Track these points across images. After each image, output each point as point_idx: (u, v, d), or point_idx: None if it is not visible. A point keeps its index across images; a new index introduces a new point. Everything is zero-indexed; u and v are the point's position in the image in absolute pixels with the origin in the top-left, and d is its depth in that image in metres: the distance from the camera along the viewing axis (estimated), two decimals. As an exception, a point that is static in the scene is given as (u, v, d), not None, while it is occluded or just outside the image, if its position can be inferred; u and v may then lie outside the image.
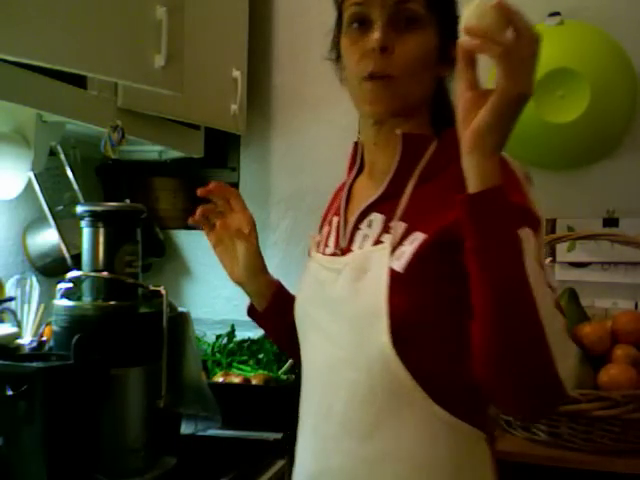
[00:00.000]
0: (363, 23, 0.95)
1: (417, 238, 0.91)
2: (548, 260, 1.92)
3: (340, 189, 1.15)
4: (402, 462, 0.91)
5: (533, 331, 0.77)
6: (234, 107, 1.94)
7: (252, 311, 1.19)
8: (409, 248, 0.91)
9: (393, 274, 0.91)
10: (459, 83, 0.79)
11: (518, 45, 0.73)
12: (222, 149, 2.25)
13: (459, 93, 0.79)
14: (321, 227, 1.14)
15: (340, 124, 2.00)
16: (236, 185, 2.24)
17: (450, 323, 0.90)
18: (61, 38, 1.13)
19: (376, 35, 0.92)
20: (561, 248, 1.89)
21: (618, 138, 1.86)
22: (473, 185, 0.78)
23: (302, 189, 2.16)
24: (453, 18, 0.98)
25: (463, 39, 0.76)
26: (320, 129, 2.12)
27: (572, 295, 1.69)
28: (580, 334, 1.58)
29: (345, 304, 0.95)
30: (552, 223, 1.91)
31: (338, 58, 1.05)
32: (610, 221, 1.87)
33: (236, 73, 1.95)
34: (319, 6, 2.23)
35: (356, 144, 1.09)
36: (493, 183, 0.77)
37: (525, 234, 0.80)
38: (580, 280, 1.87)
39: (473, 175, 0.78)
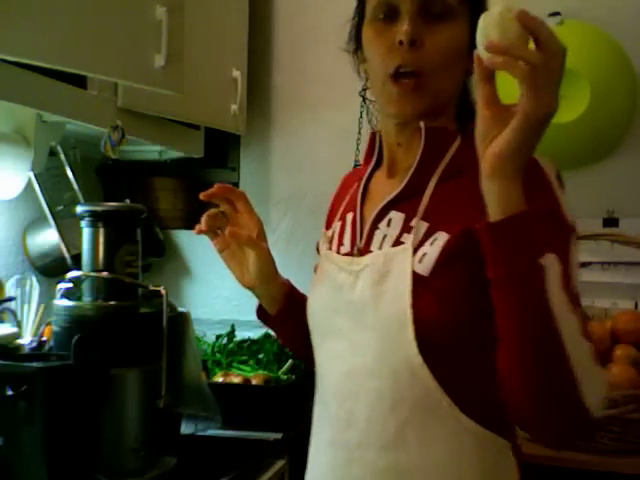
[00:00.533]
0: (389, 13, 0.88)
1: (440, 238, 0.86)
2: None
3: (347, 180, 1.11)
4: (427, 473, 0.87)
5: (556, 361, 0.74)
6: (234, 107, 1.94)
7: (262, 314, 1.12)
8: (432, 249, 0.86)
9: (417, 278, 0.86)
10: (477, 99, 0.73)
11: (544, 61, 0.67)
12: (222, 149, 2.25)
13: (478, 110, 0.73)
14: (329, 221, 1.08)
15: (340, 124, 2.00)
16: (236, 185, 2.24)
17: (479, 330, 0.84)
18: (61, 38, 1.12)
19: (405, 27, 0.85)
20: (561, 248, 1.89)
21: (618, 138, 1.86)
22: (494, 212, 0.74)
23: (302, 189, 2.16)
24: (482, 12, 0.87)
25: (484, 55, 0.70)
26: (320, 129, 2.12)
27: (572, 295, 1.69)
28: (580, 334, 1.59)
29: (366, 309, 0.90)
30: (552, 223, 1.92)
31: (357, 50, 0.98)
32: (610, 221, 1.87)
33: (236, 73, 1.95)
34: (318, 6, 2.23)
35: (374, 134, 1.01)
36: (517, 209, 0.73)
37: (549, 262, 0.74)
38: (580, 280, 1.87)
39: (494, 201, 0.73)
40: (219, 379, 1.68)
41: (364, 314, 0.90)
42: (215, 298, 2.22)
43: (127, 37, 1.28)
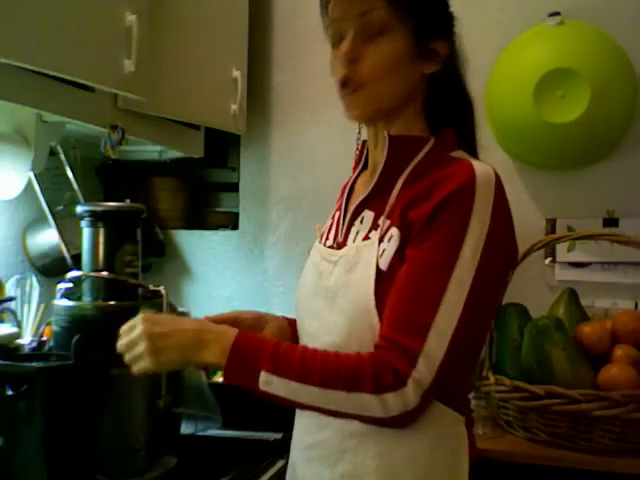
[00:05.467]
0: (339, 38, 1.02)
1: (394, 235, 0.98)
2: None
3: (345, 183, 1.22)
4: (386, 436, 0.97)
5: (324, 412, 0.93)
6: (234, 107, 1.94)
7: None
8: (390, 246, 0.98)
9: (377, 271, 0.97)
10: None
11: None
12: (222, 149, 2.25)
13: None
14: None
15: (340, 124, 1.99)
16: (236, 185, 2.24)
17: None
18: (39, 40, 1.15)
19: (344, 46, 1.00)
20: (561, 248, 1.89)
21: (618, 138, 1.86)
22: None
23: (302, 189, 2.16)
24: (430, 16, 1.03)
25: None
26: (320, 129, 2.12)
27: (572, 295, 1.69)
28: (580, 334, 1.58)
29: (339, 294, 1.01)
30: (552, 223, 1.92)
31: None
32: (610, 221, 1.87)
33: (236, 73, 1.95)
34: (318, 7, 2.23)
35: (363, 142, 1.15)
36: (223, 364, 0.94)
37: (265, 380, 0.92)
38: (580, 280, 1.87)
39: None
40: (219, 379, 1.68)
41: (337, 298, 1.02)
42: (215, 298, 2.22)
43: (99, 42, 1.31)
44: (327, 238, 1.13)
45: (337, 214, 1.14)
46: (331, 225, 1.14)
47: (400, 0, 1.00)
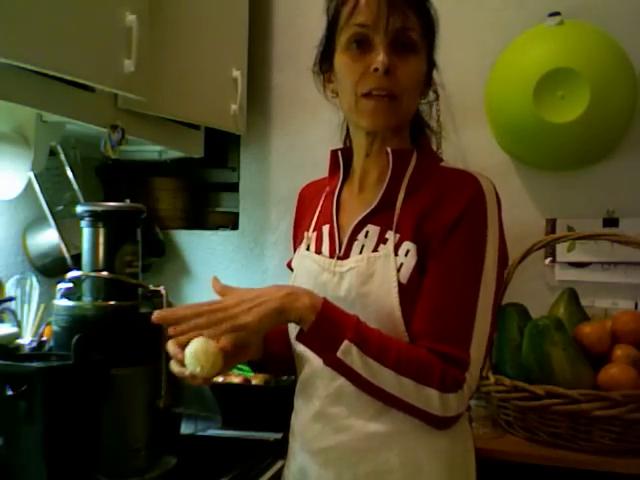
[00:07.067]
0: (362, 44, 1.02)
1: (411, 249, 1.00)
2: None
3: (306, 194, 1.24)
4: (408, 435, 1.01)
5: (388, 399, 0.97)
6: (234, 107, 1.94)
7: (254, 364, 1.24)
8: (408, 260, 1.00)
9: (398, 283, 0.99)
10: None
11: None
12: (222, 149, 2.25)
13: None
14: (298, 234, 1.20)
15: (340, 124, 2.00)
16: (236, 185, 2.24)
17: None
18: (39, 40, 1.15)
19: (382, 58, 0.99)
20: (561, 248, 1.89)
21: (618, 138, 1.86)
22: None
23: (302, 189, 2.16)
24: (434, 48, 1.10)
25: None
26: (320, 129, 2.12)
27: (572, 295, 1.69)
28: (580, 334, 1.58)
29: (356, 305, 1.02)
30: (552, 223, 1.92)
31: (324, 72, 1.12)
32: (610, 221, 1.87)
33: (236, 73, 1.95)
34: (318, 7, 2.23)
35: (334, 152, 1.16)
36: (307, 324, 0.94)
37: (345, 349, 0.93)
38: (580, 280, 1.87)
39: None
40: (219, 379, 1.68)
41: (353, 309, 1.00)
42: (215, 298, 2.21)
43: (99, 42, 1.31)
44: (318, 252, 1.12)
45: (326, 227, 1.12)
46: (319, 239, 1.13)
47: (428, 27, 1.06)
